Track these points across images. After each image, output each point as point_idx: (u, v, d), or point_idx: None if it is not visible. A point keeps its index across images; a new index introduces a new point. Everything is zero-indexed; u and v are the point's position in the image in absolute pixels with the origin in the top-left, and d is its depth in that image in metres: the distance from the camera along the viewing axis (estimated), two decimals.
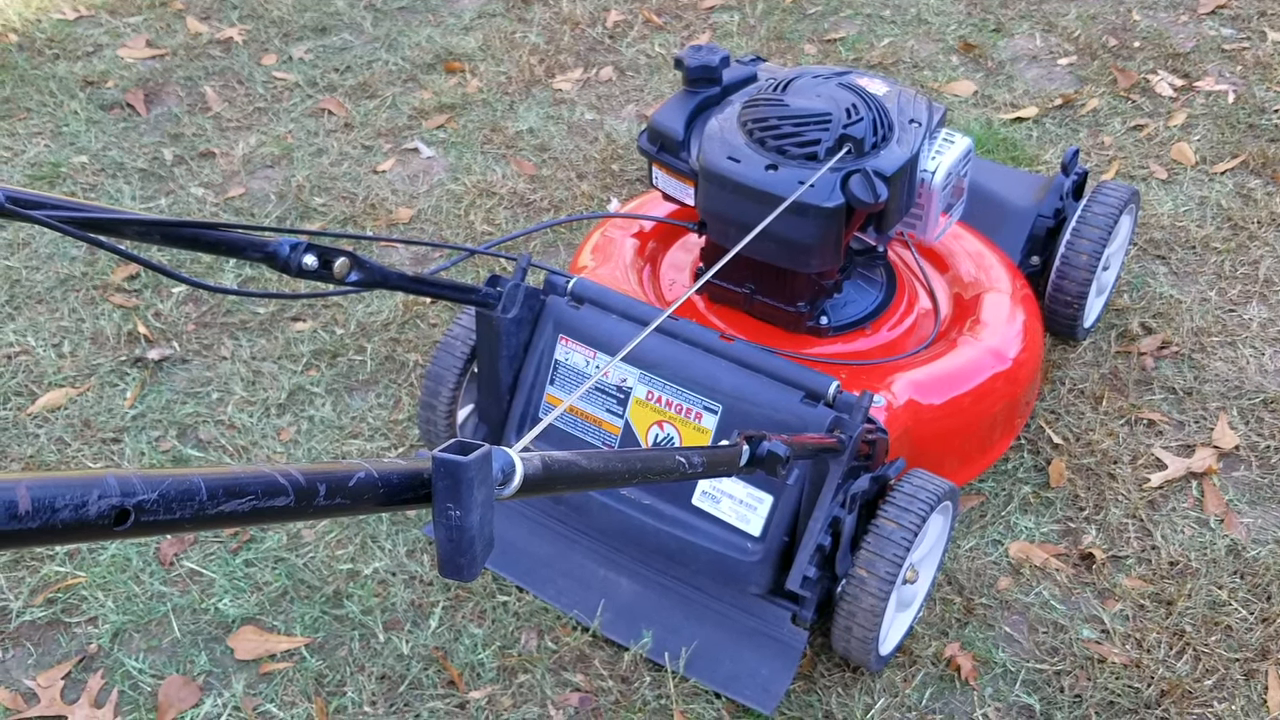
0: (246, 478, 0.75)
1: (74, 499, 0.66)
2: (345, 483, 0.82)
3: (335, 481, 0.81)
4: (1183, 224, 3.32)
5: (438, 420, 2.43)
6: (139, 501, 0.69)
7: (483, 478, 0.95)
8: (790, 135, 2.22)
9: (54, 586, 2.44)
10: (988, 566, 2.46)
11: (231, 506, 0.74)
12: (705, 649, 2.23)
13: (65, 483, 0.67)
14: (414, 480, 0.94)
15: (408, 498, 0.93)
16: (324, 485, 0.80)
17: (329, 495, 0.81)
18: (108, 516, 0.68)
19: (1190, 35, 4.16)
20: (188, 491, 0.71)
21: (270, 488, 0.76)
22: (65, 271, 3.24)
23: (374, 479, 0.84)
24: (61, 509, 0.66)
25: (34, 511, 0.64)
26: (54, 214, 1.31)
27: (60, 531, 0.66)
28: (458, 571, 0.95)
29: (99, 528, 0.68)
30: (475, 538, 0.95)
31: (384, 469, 0.86)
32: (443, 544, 0.95)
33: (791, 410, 2.09)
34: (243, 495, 0.75)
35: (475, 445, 0.94)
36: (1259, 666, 2.27)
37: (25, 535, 0.64)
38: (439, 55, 4.20)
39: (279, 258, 1.58)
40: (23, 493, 0.64)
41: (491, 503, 0.97)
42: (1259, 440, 2.71)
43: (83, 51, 4.24)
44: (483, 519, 0.95)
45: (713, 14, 4.42)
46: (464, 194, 3.53)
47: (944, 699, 2.24)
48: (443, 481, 0.93)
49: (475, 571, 0.96)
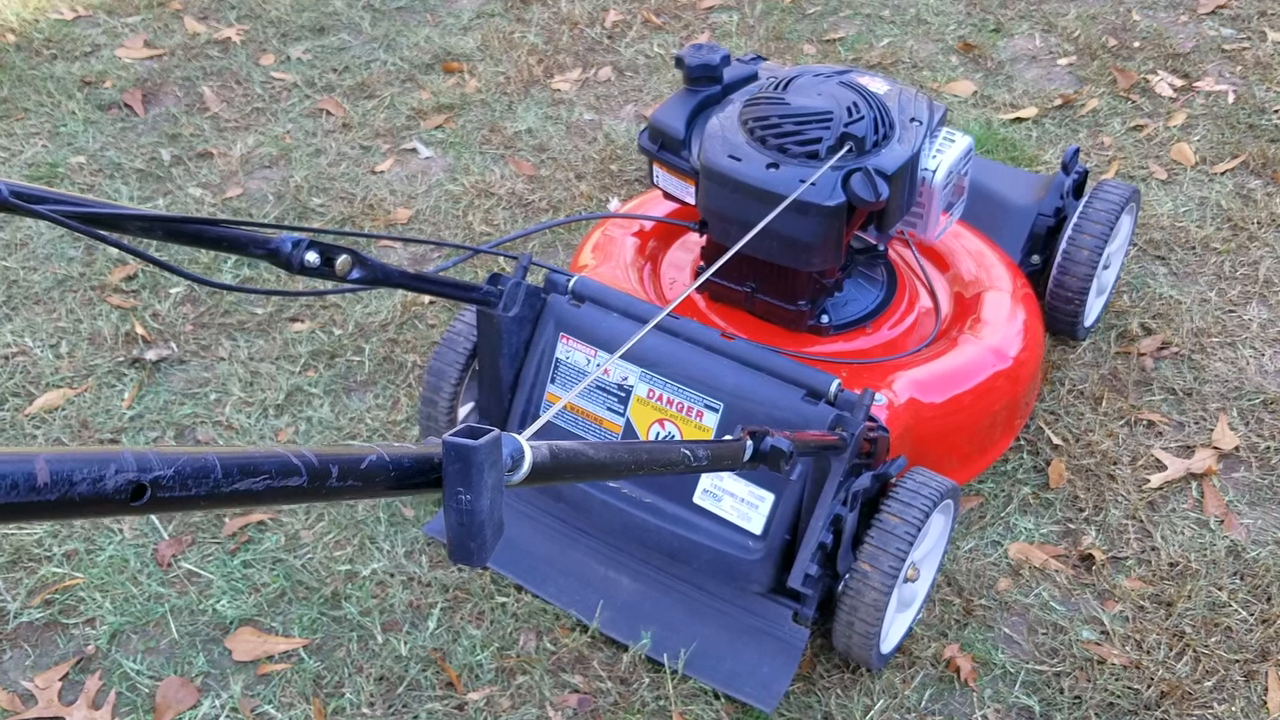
0: (261, 457, 0.76)
1: (92, 473, 0.67)
2: (357, 465, 0.82)
3: (348, 464, 0.82)
4: (1182, 224, 3.32)
5: (439, 417, 2.43)
6: (155, 477, 0.69)
7: (493, 462, 0.95)
8: (791, 133, 2.22)
9: (52, 587, 2.43)
10: (987, 567, 2.46)
11: (246, 485, 0.75)
12: (706, 647, 2.23)
13: (83, 457, 0.67)
14: (425, 464, 0.94)
15: (418, 481, 0.94)
16: (336, 467, 0.80)
17: (341, 477, 0.81)
18: (124, 491, 0.68)
19: (1190, 35, 4.16)
20: (203, 469, 0.72)
21: (284, 468, 0.77)
22: (63, 272, 3.23)
23: (385, 462, 0.85)
24: (80, 482, 0.66)
25: (52, 484, 0.65)
26: (57, 209, 1.31)
27: (77, 505, 0.66)
28: (468, 556, 0.95)
29: (116, 502, 0.69)
30: (485, 522, 0.95)
31: (395, 452, 0.86)
32: (453, 529, 0.95)
33: (793, 408, 2.09)
34: (257, 474, 0.75)
35: (485, 430, 0.94)
36: (1259, 668, 2.26)
37: (43, 508, 0.65)
38: (437, 55, 4.20)
39: (281, 255, 1.58)
40: (41, 465, 0.65)
41: (501, 487, 0.97)
42: (1259, 441, 2.71)
43: (80, 51, 4.23)
44: (493, 503, 0.95)
45: (711, 14, 4.42)
46: (462, 194, 3.52)
47: (943, 700, 2.23)
48: (453, 465, 0.93)
49: (485, 556, 0.96)
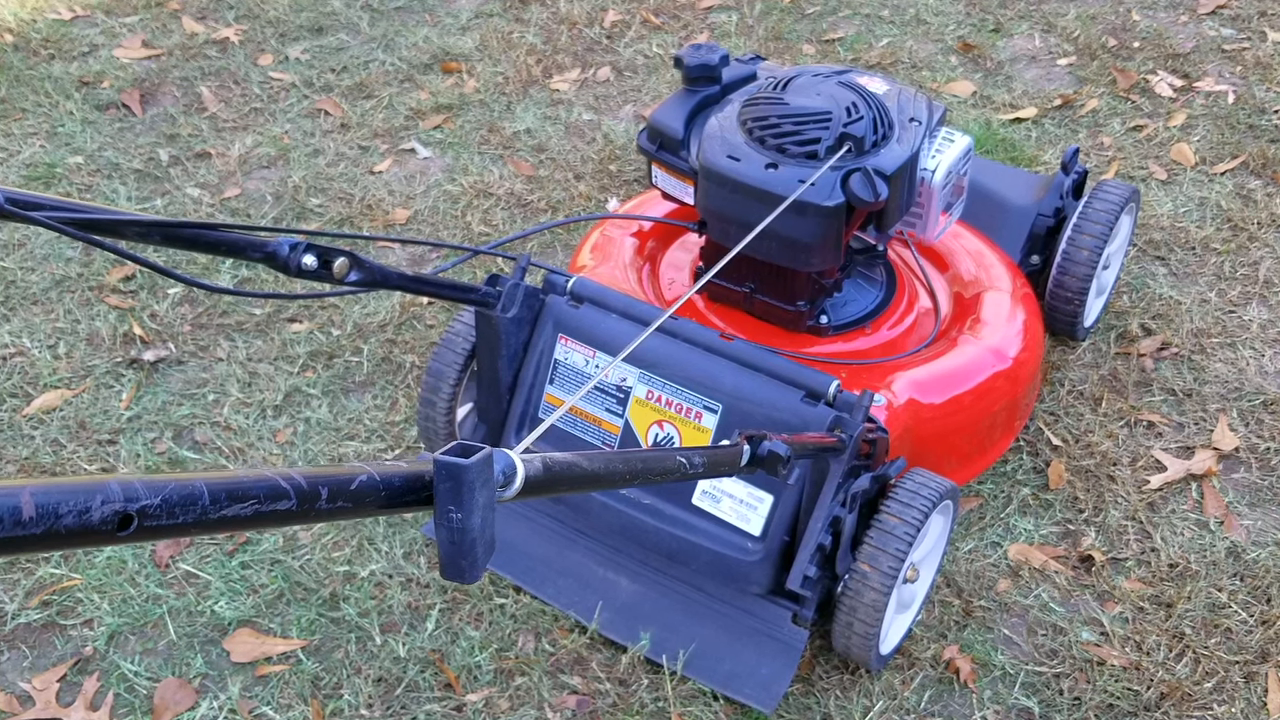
0: (249, 482, 0.75)
1: (78, 505, 0.66)
2: (347, 486, 0.81)
3: (337, 485, 0.81)
4: (1182, 225, 3.32)
5: (437, 418, 2.42)
6: (142, 506, 0.69)
7: (484, 480, 0.94)
8: (790, 134, 2.22)
9: (49, 589, 2.42)
10: (987, 569, 2.45)
11: (234, 511, 0.74)
12: (705, 648, 2.22)
13: (69, 489, 0.66)
14: (415, 483, 0.94)
15: (409, 500, 0.93)
16: (326, 489, 0.80)
17: (331, 499, 0.80)
18: (111, 521, 0.68)
19: (1190, 35, 4.16)
20: (190, 496, 0.71)
21: (272, 491, 0.76)
22: (61, 272, 3.23)
23: (376, 482, 0.84)
24: (65, 515, 0.66)
25: (38, 517, 0.64)
26: (53, 215, 1.31)
27: (64, 537, 0.66)
28: (459, 574, 0.95)
29: (102, 533, 0.68)
30: (476, 540, 0.94)
31: (386, 472, 0.85)
32: (444, 546, 0.94)
33: (792, 409, 2.08)
34: (245, 499, 0.74)
35: (476, 448, 0.93)
36: (1259, 669, 2.26)
37: (29, 541, 0.64)
38: (436, 55, 4.19)
39: (278, 258, 1.57)
40: (26, 499, 0.64)
41: (493, 505, 0.96)
42: (1259, 442, 2.70)
43: (78, 52, 4.22)
44: (484, 521, 0.95)
45: (710, 14, 4.42)
46: (461, 195, 3.52)
47: (943, 701, 2.23)
48: (444, 484, 0.93)
49: (477, 574, 0.96)
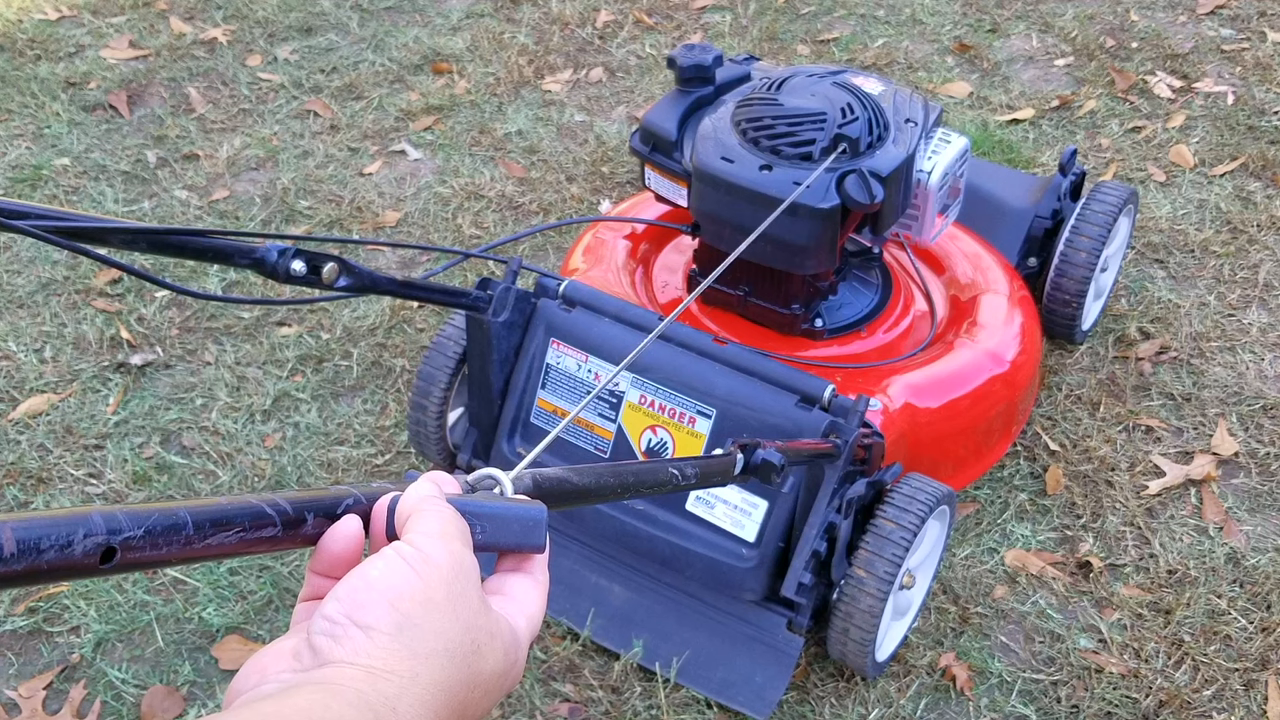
0: (233, 509, 0.74)
1: (59, 539, 0.65)
2: (333, 510, 0.79)
3: (323, 509, 0.79)
4: (1181, 227, 3.29)
5: (428, 423, 2.40)
6: (125, 539, 0.68)
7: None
8: (785, 135, 2.19)
9: (35, 595, 2.39)
10: (984, 575, 2.43)
11: (219, 539, 0.73)
12: (699, 656, 2.20)
13: (50, 522, 0.65)
14: None
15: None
16: (311, 514, 0.78)
17: (317, 525, 0.78)
18: (94, 555, 0.67)
19: (1189, 36, 4.14)
20: (174, 526, 0.70)
21: (258, 518, 0.75)
22: (47, 276, 3.19)
23: (363, 505, 0.82)
24: (47, 549, 0.64)
25: (19, 554, 0.63)
26: (38, 224, 1.29)
27: (46, 572, 0.65)
28: None
29: (85, 566, 0.67)
30: None
31: (372, 494, 0.83)
32: None
33: (786, 414, 2.06)
34: (229, 527, 0.73)
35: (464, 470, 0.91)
36: (1258, 676, 2.24)
37: (11, 577, 0.63)
38: (426, 56, 4.16)
39: (267, 264, 1.57)
40: (7, 535, 0.63)
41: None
42: (1258, 447, 2.68)
43: (65, 52, 4.19)
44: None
45: (704, 14, 4.39)
46: (452, 197, 3.49)
47: (939, 709, 2.21)
48: None
49: None
